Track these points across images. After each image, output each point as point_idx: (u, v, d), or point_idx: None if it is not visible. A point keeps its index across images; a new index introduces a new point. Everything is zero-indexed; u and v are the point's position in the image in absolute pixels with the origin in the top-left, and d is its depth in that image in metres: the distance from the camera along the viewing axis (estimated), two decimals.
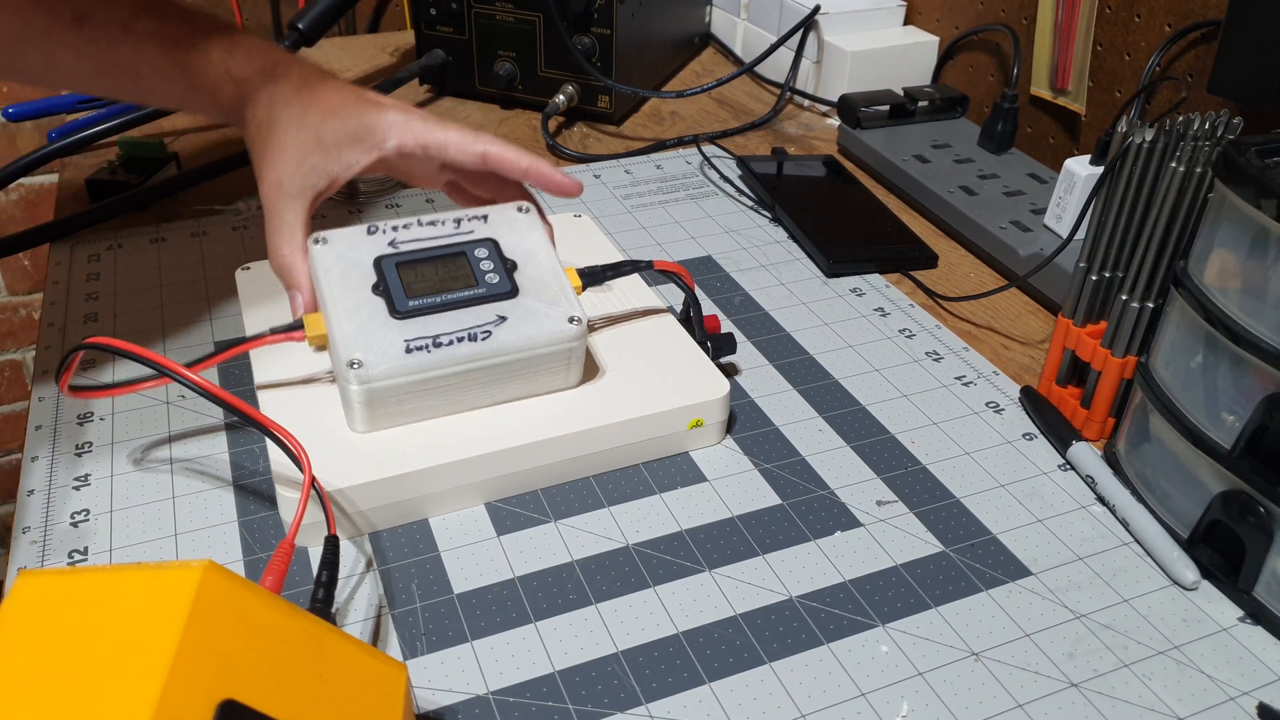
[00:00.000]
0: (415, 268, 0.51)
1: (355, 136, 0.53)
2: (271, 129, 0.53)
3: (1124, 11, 0.77)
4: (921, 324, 0.66)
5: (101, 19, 0.52)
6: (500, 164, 0.55)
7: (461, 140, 0.54)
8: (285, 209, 0.52)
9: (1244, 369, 0.45)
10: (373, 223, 0.53)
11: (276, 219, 0.52)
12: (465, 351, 0.49)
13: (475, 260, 0.52)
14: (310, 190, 0.53)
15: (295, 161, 0.52)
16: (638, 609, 0.45)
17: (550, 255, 0.54)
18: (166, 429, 0.54)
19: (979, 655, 0.44)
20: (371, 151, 0.53)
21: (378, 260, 0.51)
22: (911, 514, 0.51)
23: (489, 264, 0.52)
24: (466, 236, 0.53)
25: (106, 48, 0.53)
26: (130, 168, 0.78)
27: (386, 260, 0.51)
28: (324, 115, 0.53)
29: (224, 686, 0.29)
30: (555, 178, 0.56)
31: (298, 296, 0.52)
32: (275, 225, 0.52)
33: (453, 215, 0.54)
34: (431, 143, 0.54)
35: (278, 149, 0.52)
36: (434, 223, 0.54)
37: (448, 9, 0.92)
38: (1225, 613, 0.46)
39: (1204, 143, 0.49)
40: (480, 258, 0.52)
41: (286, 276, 0.52)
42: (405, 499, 0.48)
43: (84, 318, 0.63)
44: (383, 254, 0.52)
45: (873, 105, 0.87)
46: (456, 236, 0.53)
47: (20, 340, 1.36)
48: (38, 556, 0.47)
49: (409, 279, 0.51)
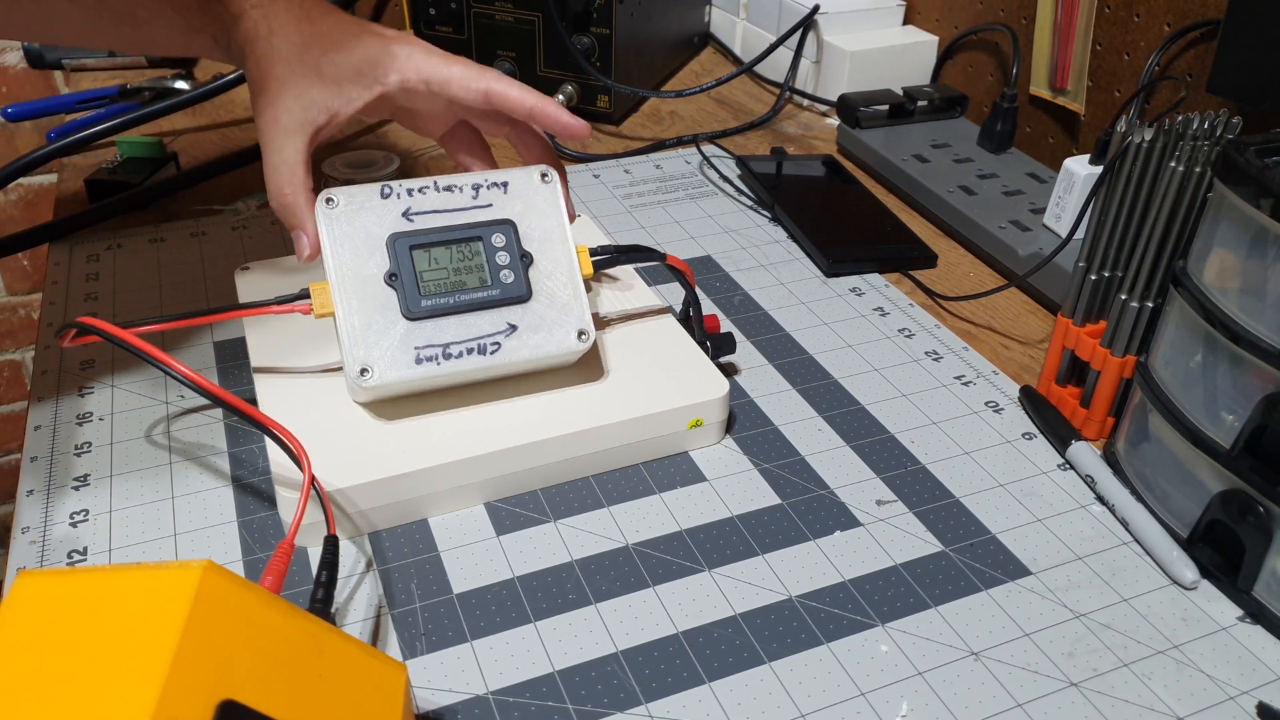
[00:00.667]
0: (430, 252, 0.50)
1: (357, 70, 0.51)
2: (271, 62, 0.51)
3: (1123, 11, 0.77)
4: (921, 324, 0.66)
5: None
6: (504, 102, 0.53)
7: (465, 76, 0.52)
8: (284, 145, 0.50)
9: (1243, 368, 0.45)
10: (387, 183, 0.51)
11: (275, 156, 0.50)
12: (473, 364, 0.49)
13: (491, 251, 0.51)
14: (310, 125, 0.51)
15: (295, 95, 0.50)
16: (637, 609, 0.45)
17: (566, 243, 0.52)
18: (166, 429, 0.54)
19: (979, 655, 0.44)
20: (374, 86, 0.52)
21: (391, 239, 0.50)
22: (911, 513, 0.51)
23: (504, 256, 0.51)
24: (485, 214, 0.51)
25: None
26: (129, 168, 0.78)
27: (400, 241, 0.49)
28: (325, 48, 0.51)
29: (223, 686, 0.29)
30: (561, 118, 0.54)
31: (302, 238, 0.50)
32: (274, 164, 0.50)
33: (471, 180, 0.52)
34: (435, 77, 0.52)
35: (277, 83, 0.50)
36: (450, 188, 0.51)
37: (447, 9, 0.92)
38: (1224, 612, 0.46)
39: (1203, 142, 0.49)
40: (497, 247, 0.51)
41: (289, 216, 0.50)
42: (405, 499, 0.48)
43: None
44: (397, 231, 0.50)
45: (872, 105, 0.87)
46: (474, 212, 0.51)
47: (19, 340, 1.36)
48: (37, 557, 0.47)
49: (422, 267, 0.49)
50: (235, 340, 0.61)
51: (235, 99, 0.95)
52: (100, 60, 1.01)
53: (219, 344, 0.61)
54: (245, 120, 0.92)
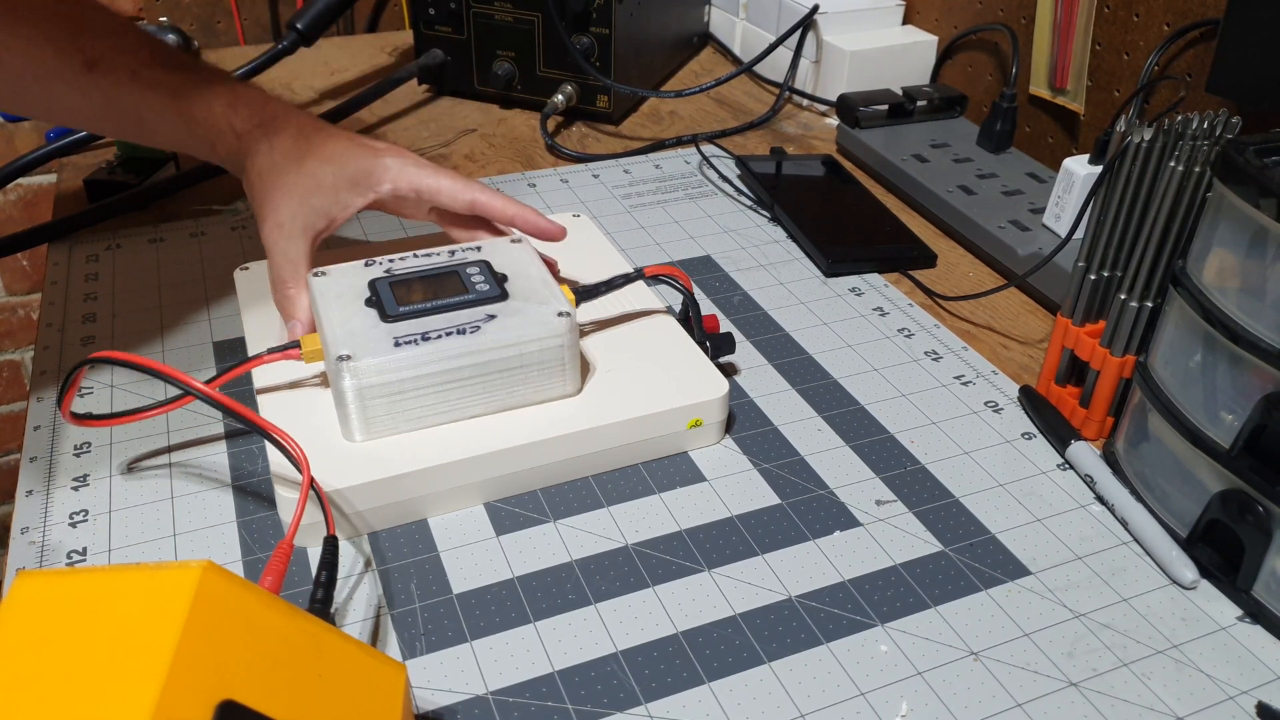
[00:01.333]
0: (408, 284, 0.53)
1: (353, 180, 0.56)
2: (273, 176, 0.55)
3: (1122, 11, 0.77)
4: (920, 323, 0.66)
5: (111, 65, 0.55)
6: (488, 211, 0.58)
7: (453, 188, 0.57)
8: (289, 247, 0.55)
9: (1242, 368, 0.45)
10: (370, 257, 0.55)
11: (280, 256, 0.55)
12: (454, 345, 0.49)
13: (466, 275, 0.54)
14: (311, 229, 0.55)
15: (297, 202, 0.55)
16: (637, 609, 0.45)
17: (541, 269, 0.55)
18: (165, 429, 0.54)
19: (978, 655, 0.44)
20: (367, 194, 0.57)
21: (372, 282, 0.53)
22: (910, 513, 0.51)
23: (479, 276, 0.54)
24: (459, 261, 0.55)
25: (113, 93, 0.55)
26: (128, 168, 0.78)
27: (380, 281, 0.53)
28: (322, 161, 0.56)
29: (223, 687, 0.29)
30: (540, 224, 0.58)
31: (297, 326, 0.54)
32: (279, 262, 0.55)
33: (447, 248, 0.56)
34: (424, 187, 0.57)
35: (279, 193, 0.55)
36: (429, 254, 0.56)
37: (446, 9, 0.92)
38: (1224, 612, 0.46)
39: (1202, 142, 0.49)
40: (471, 273, 0.54)
41: (288, 307, 0.55)
42: (404, 499, 0.48)
43: (82, 318, 0.63)
44: (377, 277, 0.53)
45: (871, 105, 0.87)
46: (450, 262, 0.55)
47: (19, 340, 1.36)
48: (36, 557, 0.47)
49: (400, 293, 0.52)
50: (234, 340, 0.61)
51: None
52: None
53: (218, 344, 0.61)
54: None
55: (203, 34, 1.17)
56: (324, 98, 0.96)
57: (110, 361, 0.46)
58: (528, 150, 0.88)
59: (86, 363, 0.47)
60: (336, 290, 0.52)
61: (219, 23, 1.18)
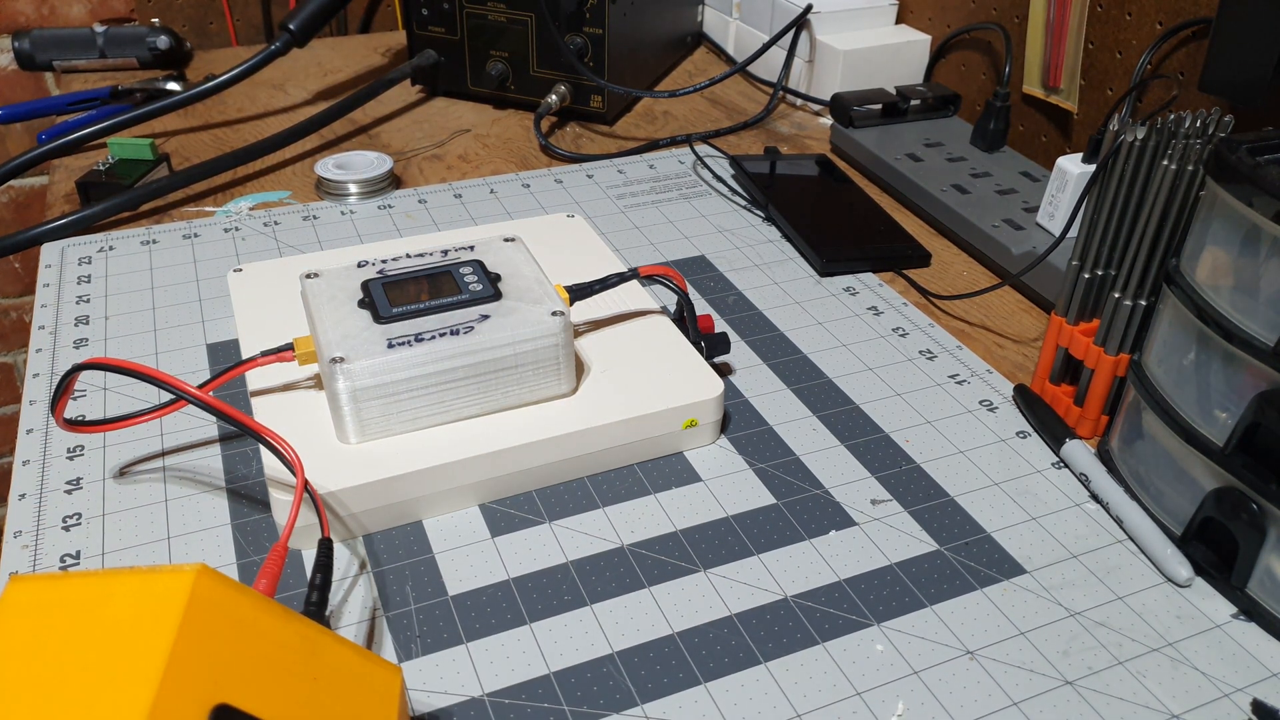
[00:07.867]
0: (401, 285, 0.53)
1: None
2: None
3: (1115, 9, 0.77)
4: (915, 323, 0.66)
5: None
6: None
7: None
8: None
9: (1236, 366, 0.45)
10: (362, 258, 0.55)
11: None
12: (448, 346, 0.49)
13: (460, 275, 0.54)
14: None
15: None
16: (633, 609, 0.45)
17: (535, 268, 0.55)
18: (159, 433, 0.54)
19: (974, 653, 0.44)
20: None
21: (365, 283, 0.53)
22: (906, 513, 0.51)
23: (473, 276, 0.53)
24: (453, 261, 0.55)
25: None
26: (121, 169, 0.78)
27: (374, 282, 0.53)
28: None
29: (217, 691, 0.29)
30: None
31: None
32: None
33: (439, 246, 0.56)
34: None
35: None
36: (422, 255, 0.55)
37: (439, 9, 0.92)
38: (1219, 609, 0.46)
39: (1195, 140, 0.49)
40: (465, 273, 0.54)
41: None
42: (399, 501, 0.48)
43: (75, 320, 0.63)
44: (370, 278, 0.53)
45: (865, 104, 0.87)
46: (443, 262, 0.55)
47: (11, 343, 1.35)
48: (29, 561, 0.47)
49: (394, 294, 0.52)
50: (228, 342, 0.61)
51: (227, 100, 0.95)
52: (91, 62, 1.01)
53: (211, 346, 0.61)
54: (237, 121, 0.91)
55: (195, 35, 1.17)
56: (317, 99, 0.96)
57: (103, 367, 0.46)
58: (522, 150, 0.88)
59: (79, 369, 0.46)
60: (329, 292, 0.52)
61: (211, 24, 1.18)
